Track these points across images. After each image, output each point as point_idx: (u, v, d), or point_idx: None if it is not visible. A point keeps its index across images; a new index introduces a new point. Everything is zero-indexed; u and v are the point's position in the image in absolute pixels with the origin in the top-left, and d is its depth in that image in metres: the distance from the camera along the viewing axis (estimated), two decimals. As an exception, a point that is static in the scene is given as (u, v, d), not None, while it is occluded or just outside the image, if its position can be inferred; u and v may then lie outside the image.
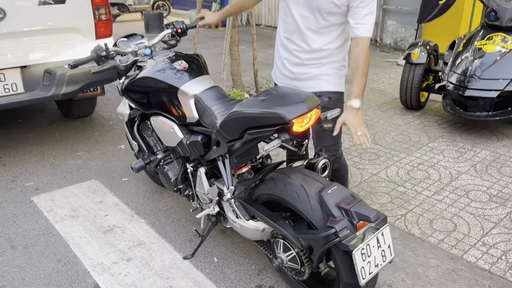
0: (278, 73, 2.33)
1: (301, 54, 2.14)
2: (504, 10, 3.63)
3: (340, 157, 2.33)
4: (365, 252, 1.65)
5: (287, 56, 2.20)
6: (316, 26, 2.05)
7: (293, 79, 2.23)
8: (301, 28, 2.08)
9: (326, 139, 2.22)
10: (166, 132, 2.30)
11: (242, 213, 2.05)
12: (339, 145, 2.31)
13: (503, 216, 2.68)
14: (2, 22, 3.04)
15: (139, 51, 2.46)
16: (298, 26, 2.08)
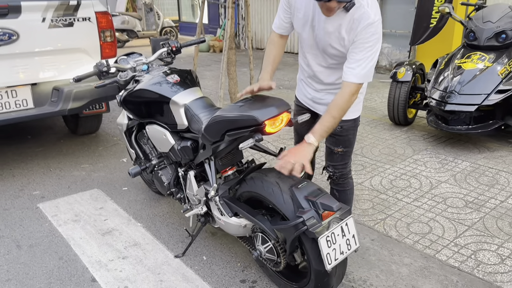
0: (299, 92, 2.45)
1: (315, 84, 2.28)
2: (481, 30, 3.86)
3: (346, 175, 2.42)
4: (330, 240, 1.84)
5: (305, 80, 2.35)
6: (326, 63, 2.15)
7: (311, 100, 2.36)
8: (313, 65, 2.21)
9: (335, 160, 2.36)
10: (160, 139, 2.54)
11: (226, 211, 2.25)
12: (347, 165, 2.39)
13: (476, 220, 2.84)
14: (15, 43, 3.33)
15: (137, 67, 2.72)
16: (310, 63, 2.21)
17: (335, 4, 1.81)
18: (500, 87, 3.59)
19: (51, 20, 3.46)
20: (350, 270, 2.44)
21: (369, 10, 1.90)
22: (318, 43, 2.10)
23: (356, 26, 1.92)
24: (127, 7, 14.65)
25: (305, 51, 2.23)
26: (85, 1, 3.62)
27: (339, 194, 2.46)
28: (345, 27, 1.95)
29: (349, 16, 1.92)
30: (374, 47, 1.94)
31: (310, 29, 2.08)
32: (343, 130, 2.24)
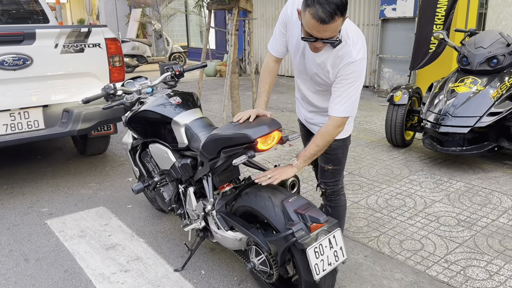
0: (298, 110, 2.62)
1: (307, 105, 2.44)
2: (473, 56, 4.01)
3: (338, 192, 2.51)
4: (318, 251, 1.94)
5: (299, 100, 2.52)
6: (314, 89, 2.30)
7: (304, 119, 2.54)
8: (303, 89, 2.37)
9: (327, 177, 2.47)
10: (162, 157, 2.69)
11: (222, 225, 2.37)
12: (338, 182, 2.49)
13: (467, 238, 2.93)
14: (29, 67, 3.55)
15: (142, 90, 2.90)
16: (301, 87, 2.37)
17: (320, 44, 1.93)
18: (492, 109, 3.71)
19: (63, 46, 3.68)
20: (342, 284, 2.53)
21: (352, 49, 2.02)
22: (307, 70, 2.23)
23: (339, 62, 2.05)
24: (137, 34, 15.11)
25: (296, 75, 2.38)
26: (95, 28, 3.85)
27: (332, 210, 2.55)
28: (330, 62, 2.07)
29: (334, 52, 2.04)
30: (355, 83, 2.05)
31: (301, 56, 2.21)
32: (331, 149, 2.33)
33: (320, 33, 1.85)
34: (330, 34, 1.87)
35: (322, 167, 2.46)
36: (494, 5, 7.48)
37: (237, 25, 4.58)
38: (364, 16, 8.23)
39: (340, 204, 2.56)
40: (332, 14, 1.77)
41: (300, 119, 2.61)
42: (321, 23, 1.79)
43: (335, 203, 2.55)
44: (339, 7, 1.77)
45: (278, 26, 2.24)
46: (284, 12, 2.19)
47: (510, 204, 3.34)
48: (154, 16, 12.37)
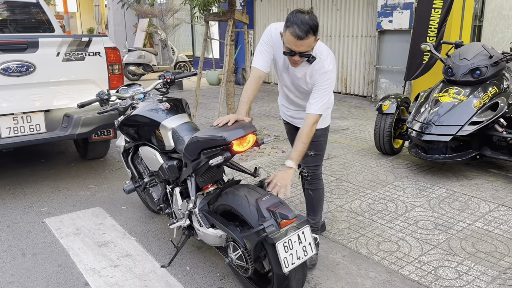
0: (282, 113, 3.03)
1: (292, 106, 2.86)
2: (458, 67, 4.16)
3: (318, 177, 2.90)
4: (287, 245, 2.10)
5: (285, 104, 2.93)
6: (300, 94, 2.72)
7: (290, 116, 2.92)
8: (290, 96, 2.78)
9: (309, 162, 2.84)
10: (151, 159, 2.87)
11: (204, 222, 2.54)
12: (318, 167, 2.88)
13: (442, 241, 3.05)
14: (32, 74, 3.76)
15: (135, 96, 3.09)
16: (289, 95, 2.78)
17: (298, 58, 2.36)
18: (474, 119, 3.85)
19: (64, 54, 3.89)
20: (319, 281, 2.67)
21: (325, 62, 2.47)
22: (292, 83, 2.68)
23: (315, 73, 2.50)
24: (144, 43, 15.42)
25: (284, 87, 2.79)
26: (96, 38, 4.06)
27: (313, 193, 2.90)
28: (308, 75, 2.53)
29: (311, 67, 2.50)
30: (328, 89, 2.49)
31: (286, 73, 2.66)
32: (315, 137, 2.63)
33: (297, 47, 2.30)
34: (306, 49, 2.32)
35: (305, 153, 2.69)
36: (489, 18, 7.63)
37: (233, 36, 4.77)
38: (362, 28, 8.41)
39: (320, 187, 2.91)
40: (306, 32, 2.24)
41: (286, 119, 3.02)
42: (298, 39, 2.25)
43: (315, 186, 2.90)
44: (312, 27, 2.25)
45: (263, 46, 2.58)
46: (268, 36, 2.56)
47: (487, 210, 3.47)
48: (160, 26, 12.66)
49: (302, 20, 2.23)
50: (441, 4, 6.02)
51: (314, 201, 2.93)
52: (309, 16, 2.26)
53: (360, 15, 8.42)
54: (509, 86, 4.16)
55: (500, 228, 3.18)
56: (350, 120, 6.83)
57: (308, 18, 2.24)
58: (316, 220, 2.98)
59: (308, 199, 2.96)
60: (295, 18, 2.25)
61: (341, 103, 8.41)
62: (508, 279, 2.58)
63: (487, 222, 3.29)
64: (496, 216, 3.37)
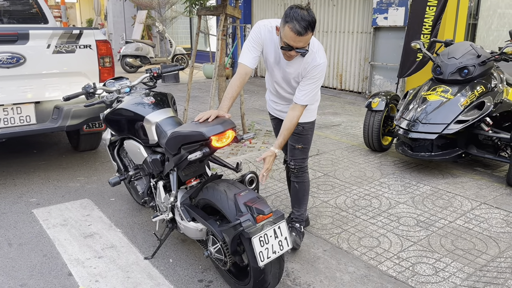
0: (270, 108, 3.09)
1: (281, 101, 2.92)
2: (446, 65, 4.18)
3: (304, 170, 2.98)
4: (263, 240, 2.14)
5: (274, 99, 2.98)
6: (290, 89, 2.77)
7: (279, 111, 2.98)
8: (280, 91, 2.83)
9: (296, 155, 2.92)
10: (135, 152, 2.90)
11: (185, 216, 2.58)
12: (305, 160, 2.96)
13: (422, 237, 3.10)
14: (22, 66, 3.78)
15: (122, 90, 3.12)
16: (278, 90, 2.84)
17: (294, 53, 2.42)
18: (460, 117, 3.88)
19: (55, 47, 3.91)
20: (298, 275, 2.71)
21: (317, 56, 2.53)
22: (283, 79, 2.73)
23: (307, 66, 2.55)
24: (142, 35, 15.40)
25: (274, 83, 2.83)
26: (87, 30, 4.08)
27: (299, 185, 2.98)
28: (301, 68, 2.58)
29: (303, 60, 2.55)
30: (318, 81, 2.59)
31: (278, 68, 2.69)
32: (303, 130, 2.84)
33: (296, 43, 2.34)
34: (303, 45, 2.37)
35: (293, 146, 2.91)
36: (485, 16, 7.63)
37: (224, 31, 4.79)
38: (357, 24, 8.41)
39: (305, 180, 2.99)
40: (306, 28, 2.28)
41: (274, 114, 3.06)
42: (298, 35, 2.29)
43: (301, 179, 2.97)
44: (310, 23, 2.30)
45: (251, 43, 2.60)
46: (257, 34, 2.59)
47: (469, 208, 3.51)
48: (158, 19, 12.64)
49: (302, 16, 2.27)
50: (435, 2, 6.03)
51: (299, 194, 3.01)
52: (307, 12, 2.30)
53: (356, 11, 8.42)
54: (496, 85, 4.19)
55: (480, 226, 3.23)
56: (343, 116, 6.86)
57: (307, 15, 2.28)
58: (301, 212, 3.04)
59: (293, 192, 3.03)
60: (295, 14, 2.27)
61: (336, 99, 8.43)
62: (483, 276, 2.63)
63: (468, 220, 3.33)
64: (478, 214, 3.41)
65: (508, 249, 2.92)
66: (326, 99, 8.39)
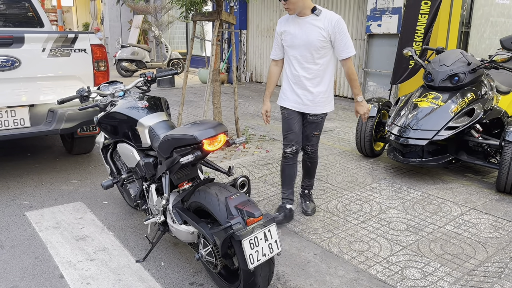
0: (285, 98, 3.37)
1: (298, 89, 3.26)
2: (437, 73, 4.25)
3: (316, 151, 3.47)
4: (253, 242, 2.17)
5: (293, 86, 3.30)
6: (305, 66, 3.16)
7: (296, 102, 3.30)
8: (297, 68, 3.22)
9: (313, 141, 3.40)
10: (128, 155, 2.93)
11: (177, 219, 2.60)
12: (317, 144, 3.45)
13: (412, 242, 3.14)
14: (17, 69, 3.80)
15: (116, 93, 3.15)
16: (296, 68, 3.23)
17: (284, 4, 3.02)
18: (450, 124, 3.93)
19: (50, 50, 3.94)
20: (288, 278, 2.74)
21: (331, 14, 3.08)
22: (305, 47, 3.10)
23: (331, 23, 3.04)
24: (138, 39, 15.44)
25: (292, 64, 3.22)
26: (82, 34, 4.11)
27: (312, 164, 3.52)
28: (321, 24, 3.05)
29: (321, 19, 3.06)
30: (346, 32, 3.10)
31: (295, 37, 3.13)
32: (322, 119, 3.33)
33: None
34: None
35: (311, 134, 3.36)
36: (477, 25, 7.74)
37: (219, 36, 4.83)
38: (352, 30, 8.49)
39: (316, 159, 3.53)
40: None
41: (289, 107, 3.31)
42: None
43: (314, 159, 3.51)
44: None
45: (277, 39, 3.30)
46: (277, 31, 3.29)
47: (459, 213, 3.56)
48: (154, 23, 12.69)
49: None
50: (427, 10, 6.11)
51: (312, 169, 3.55)
52: None
53: (350, 18, 8.50)
54: (486, 92, 4.25)
55: (469, 231, 3.27)
56: (336, 122, 6.91)
57: None
58: (312, 181, 3.63)
59: (305, 168, 3.56)
60: None
61: (330, 104, 8.49)
62: (471, 280, 2.67)
63: (457, 225, 3.37)
64: (467, 219, 3.46)
65: (496, 254, 2.96)
66: (320, 105, 8.44)
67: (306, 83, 3.19)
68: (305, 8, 3.07)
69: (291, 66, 3.23)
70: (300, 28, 3.11)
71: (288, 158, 3.38)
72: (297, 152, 3.37)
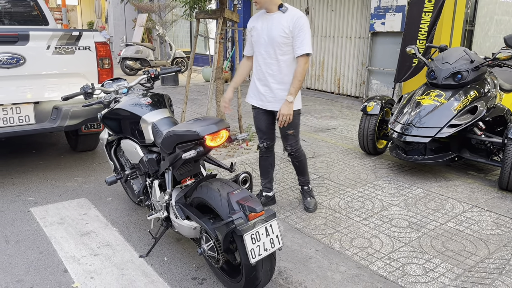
0: (251, 97, 3.43)
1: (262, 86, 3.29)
2: (440, 70, 4.25)
3: (299, 149, 3.45)
4: (254, 237, 2.19)
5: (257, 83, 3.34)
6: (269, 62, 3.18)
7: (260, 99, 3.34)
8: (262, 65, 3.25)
9: (290, 140, 3.37)
10: (131, 152, 2.95)
11: (180, 214, 2.63)
12: (298, 142, 3.41)
13: (414, 239, 3.15)
14: (22, 66, 3.84)
15: (119, 90, 3.18)
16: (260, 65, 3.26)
17: None
18: (453, 122, 3.93)
19: (55, 48, 3.97)
20: (290, 274, 2.76)
21: (294, 11, 3.10)
22: (270, 43, 3.13)
23: (292, 19, 3.06)
24: (143, 38, 15.47)
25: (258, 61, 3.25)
26: (86, 32, 4.14)
27: (298, 163, 3.51)
28: (285, 21, 3.07)
29: (285, 16, 3.08)
30: (306, 30, 3.06)
31: (261, 34, 3.17)
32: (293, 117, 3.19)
33: None
34: None
35: (285, 133, 3.34)
36: (482, 23, 7.72)
37: (223, 34, 4.85)
38: (355, 29, 8.49)
39: (302, 158, 3.50)
40: None
41: (255, 104, 3.37)
42: None
43: (299, 158, 3.49)
44: None
45: (248, 35, 3.34)
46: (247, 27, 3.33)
47: (461, 210, 3.56)
48: (158, 22, 12.72)
49: None
50: (431, 7, 6.10)
51: (300, 168, 3.56)
52: None
53: (354, 16, 8.50)
54: (490, 90, 4.25)
55: (471, 228, 3.28)
56: (339, 120, 6.92)
57: None
58: (306, 178, 3.64)
59: (295, 167, 3.59)
60: None
61: (333, 103, 8.50)
62: (472, 277, 2.68)
63: (459, 222, 3.38)
64: (469, 216, 3.46)
65: (497, 251, 2.97)
66: (324, 103, 8.45)
67: (269, 79, 3.21)
68: (272, 4, 3.11)
69: (257, 62, 3.28)
70: (266, 24, 3.15)
71: (262, 151, 3.57)
72: (270, 146, 3.51)
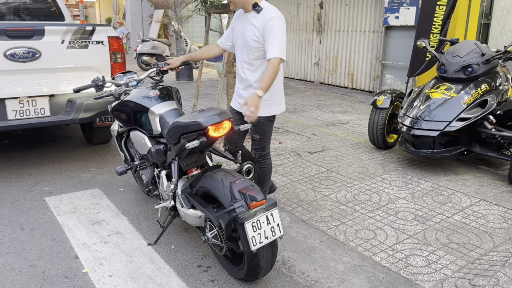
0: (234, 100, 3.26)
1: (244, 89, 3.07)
2: (450, 64, 4.22)
3: (265, 157, 3.20)
4: (255, 225, 2.24)
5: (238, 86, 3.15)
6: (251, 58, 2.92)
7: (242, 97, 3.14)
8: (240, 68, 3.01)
9: (256, 145, 3.15)
10: (140, 143, 3.04)
11: (185, 203, 2.70)
12: (265, 149, 3.18)
13: (418, 231, 3.16)
14: (37, 60, 3.96)
15: (129, 83, 3.26)
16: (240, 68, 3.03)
17: None
18: (462, 115, 3.91)
19: (69, 42, 4.08)
20: (294, 263, 2.81)
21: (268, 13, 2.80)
22: (245, 46, 2.92)
23: (263, 20, 2.78)
24: (159, 34, 15.66)
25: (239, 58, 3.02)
26: (99, 27, 4.24)
27: (260, 170, 3.22)
28: (257, 23, 2.82)
29: (260, 15, 2.82)
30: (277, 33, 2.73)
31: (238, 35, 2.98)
32: (259, 123, 2.98)
33: None
34: None
35: (252, 137, 3.13)
36: (498, 16, 7.59)
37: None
38: (369, 23, 8.44)
39: (265, 166, 3.24)
40: None
41: (236, 108, 3.19)
42: None
43: (262, 165, 3.22)
44: None
45: (230, 29, 3.11)
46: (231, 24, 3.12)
47: (468, 204, 3.55)
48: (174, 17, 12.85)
49: None
50: (445, 1, 6.03)
51: (260, 177, 3.25)
52: None
53: (368, 10, 8.45)
54: (501, 84, 4.20)
55: (477, 222, 3.27)
56: (351, 115, 6.91)
57: None
58: (264, 190, 3.28)
59: (257, 174, 3.24)
60: None
61: (346, 97, 8.48)
62: (474, 269, 2.68)
63: (465, 215, 3.37)
64: (476, 210, 3.45)
65: (503, 244, 2.96)
66: (337, 97, 8.44)
67: (249, 83, 3.00)
68: (247, 3, 2.82)
69: (238, 64, 3.07)
70: (242, 25, 2.92)
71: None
72: (232, 151, 3.17)
